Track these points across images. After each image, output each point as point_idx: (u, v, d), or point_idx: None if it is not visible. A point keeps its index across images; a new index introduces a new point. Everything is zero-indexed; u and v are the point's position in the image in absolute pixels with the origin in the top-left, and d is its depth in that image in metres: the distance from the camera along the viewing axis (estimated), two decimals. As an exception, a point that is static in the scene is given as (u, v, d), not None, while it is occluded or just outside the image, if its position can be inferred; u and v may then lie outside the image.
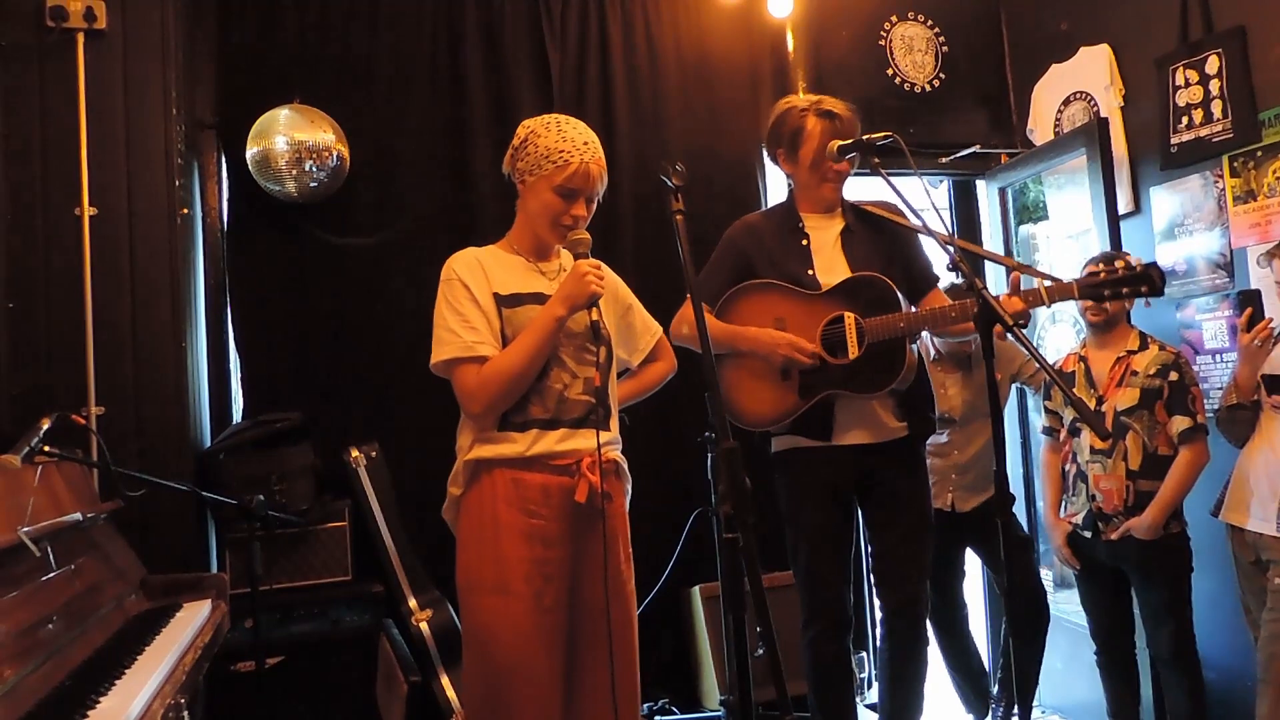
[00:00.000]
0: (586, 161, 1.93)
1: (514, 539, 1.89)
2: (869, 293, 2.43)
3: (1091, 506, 2.80)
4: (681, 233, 1.74)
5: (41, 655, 1.59)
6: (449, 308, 1.93)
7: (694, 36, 3.64)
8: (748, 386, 2.52)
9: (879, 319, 2.39)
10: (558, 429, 1.92)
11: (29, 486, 1.85)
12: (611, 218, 3.44)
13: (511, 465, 1.91)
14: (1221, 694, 3.02)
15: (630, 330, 2.18)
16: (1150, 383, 2.75)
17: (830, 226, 2.56)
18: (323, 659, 2.76)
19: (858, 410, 2.48)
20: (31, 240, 2.59)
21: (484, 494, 1.92)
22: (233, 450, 2.82)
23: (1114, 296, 2.28)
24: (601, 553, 1.92)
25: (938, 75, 3.99)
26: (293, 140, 2.96)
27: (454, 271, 1.96)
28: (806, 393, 2.46)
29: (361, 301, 3.21)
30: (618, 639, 1.95)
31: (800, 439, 2.51)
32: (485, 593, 1.89)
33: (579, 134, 1.96)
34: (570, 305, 1.87)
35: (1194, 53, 3.16)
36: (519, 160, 1.99)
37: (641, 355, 2.21)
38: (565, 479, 1.91)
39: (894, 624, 2.56)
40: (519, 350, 1.88)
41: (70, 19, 2.61)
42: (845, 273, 2.48)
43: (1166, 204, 3.31)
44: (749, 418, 2.52)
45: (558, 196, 1.94)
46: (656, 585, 3.15)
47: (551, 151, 1.93)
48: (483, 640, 1.89)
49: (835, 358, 2.42)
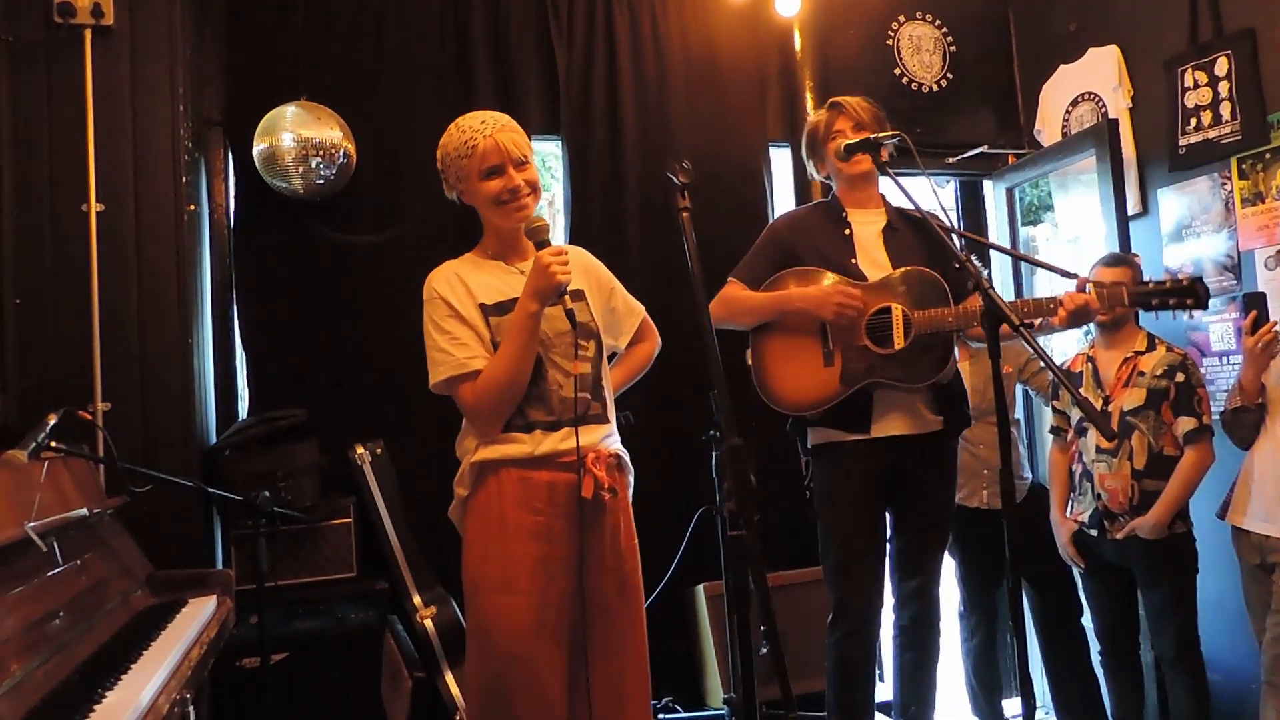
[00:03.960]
0: (490, 135, 1.95)
1: (521, 538, 1.91)
2: (919, 286, 2.44)
3: (1097, 505, 2.80)
4: (687, 231, 1.74)
5: (48, 650, 1.60)
6: (435, 328, 1.95)
7: (701, 36, 3.63)
8: (788, 369, 2.50)
9: (928, 312, 2.40)
10: (560, 429, 1.94)
11: (36, 482, 1.86)
12: (618, 216, 3.44)
13: (519, 465, 1.93)
14: (1226, 696, 3.02)
15: (615, 315, 2.17)
16: (1157, 383, 2.75)
17: (873, 221, 2.59)
18: (327, 655, 2.76)
19: (896, 402, 2.47)
20: (39, 236, 2.59)
21: (491, 495, 1.94)
22: (238, 447, 2.82)
23: (1162, 307, 2.33)
24: (606, 546, 1.95)
25: (945, 75, 3.98)
26: (299, 137, 2.96)
27: (434, 290, 1.97)
28: (849, 380, 2.45)
29: (368, 298, 3.21)
30: (626, 630, 1.97)
31: (836, 432, 2.50)
32: (491, 590, 1.91)
33: (474, 119, 1.99)
34: (540, 298, 1.87)
35: (1203, 54, 3.15)
36: (446, 178, 2.04)
37: (627, 338, 2.19)
38: (571, 475, 1.93)
39: (907, 611, 2.57)
40: (504, 356, 1.90)
41: (78, 15, 2.61)
42: (886, 266, 2.50)
43: (1174, 206, 3.30)
44: (788, 401, 2.51)
45: (486, 181, 1.96)
46: (660, 584, 3.15)
47: (459, 148, 1.97)
48: (485, 635, 1.91)
49: (881, 348, 2.42)
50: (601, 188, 3.45)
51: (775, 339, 2.54)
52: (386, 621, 2.89)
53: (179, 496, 2.49)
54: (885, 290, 2.46)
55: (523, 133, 2.02)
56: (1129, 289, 2.36)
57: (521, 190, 1.97)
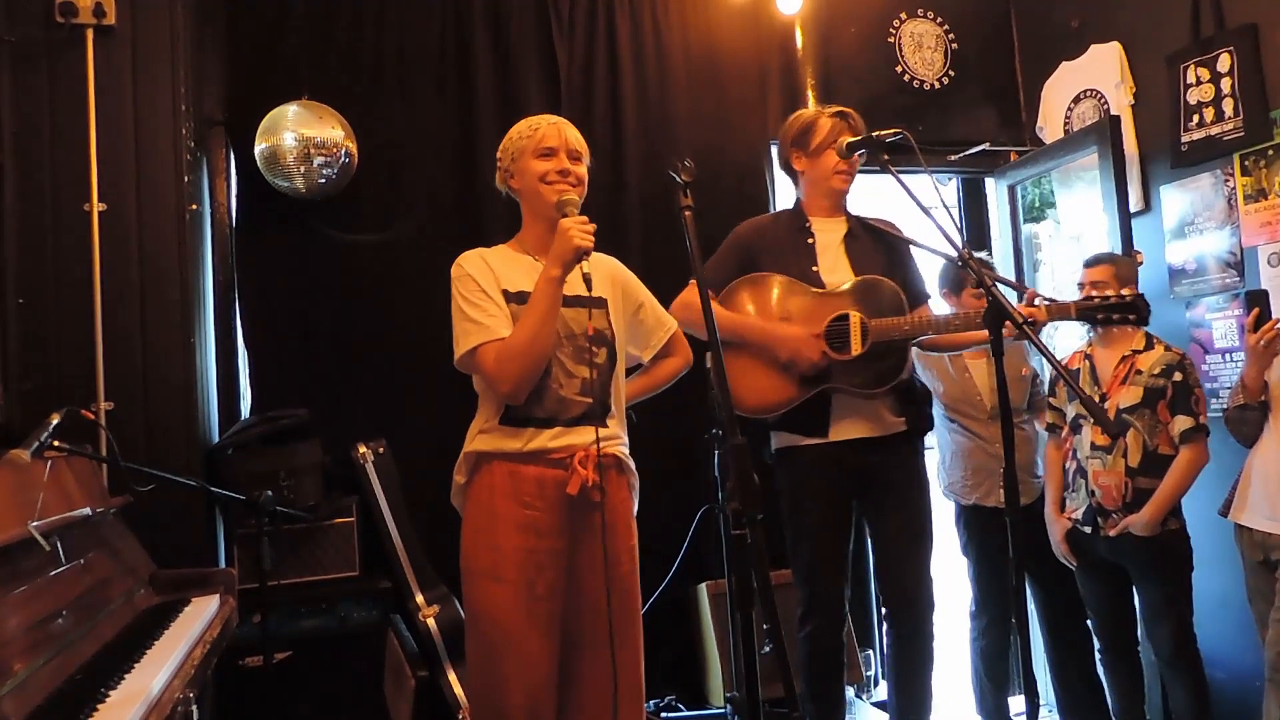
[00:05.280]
0: (555, 124, 2.05)
1: (508, 530, 1.94)
2: (875, 295, 2.51)
3: (1091, 502, 2.81)
4: (690, 229, 1.74)
5: (51, 649, 1.60)
6: (465, 301, 1.97)
7: (702, 33, 3.63)
8: (747, 373, 2.54)
9: (884, 320, 2.46)
10: (553, 427, 1.96)
11: (39, 481, 1.86)
12: (620, 215, 3.44)
13: (509, 459, 1.96)
14: (1229, 693, 3.02)
15: (642, 326, 2.20)
16: (1154, 382, 2.75)
17: (835, 229, 2.64)
18: (330, 654, 2.77)
19: (855, 406, 2.52)
20: (41, 236, 2.59)
21: (482, 486, 1.98)
22: (241, 446, 2.82)
23: (1105, 321, 2.49)
24: (599, 546, 1.96)
25: (947, 72, 3.98)
26: (301, 136, 2.96)
27: (463, 268, 2.01)
28: (806, 384, 2.49)
29: (370, 298, 3.21)
30: (619, 633, 1.97)
31: (796, 437, 2.55)
32: (480, 577, 1.96)
33: (543, 117, 2.09)
34: (561, 262, 1.89)
35: (1205, 50, 3.15)
36: (502, 162, 2.10)
37: (653, 350, 2.22)
38: (560, 472, 1.95)
39: (897, 620, 2.59)
40: (526, 321, 1.91)
41: (80, 15, 2.61)
42: (848, 273, 2.56)
43: (1177, 202, 3.29)
44: (746, 404, 2.55)
45: (539, 159, 2.02)
46: (663, 582, 3.15)
47: (522, 131, 2.06)
48: (478, 618, 1.97)
49: (838, 353, 2.46)
50: (603, 185, 3.45)
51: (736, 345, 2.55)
52: (389, 620, 2.89)
53: (182, 496, 2.49)
54: (843, 297, 2.52)
55: (585, 141, 2.09)
56: (1077, 304, 2.50)
57: (570, 174, 2.03)
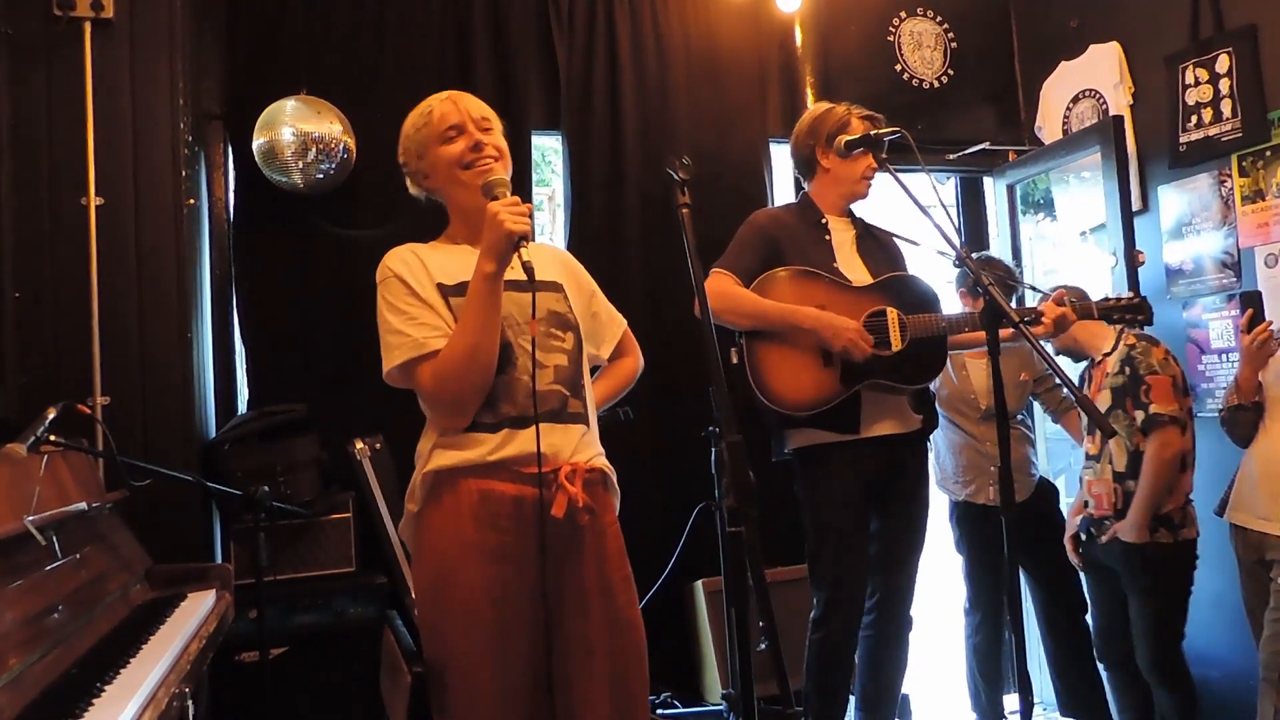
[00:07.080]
0: (448, 98, 1.85)
1: (481, 560, 1.67)
2: (909, 291, 2.56)
3: (1086, 513, 2.82)
4: (687, 227, 1.73)
5: (47, 644, 1.60)
6: (389, 309, 1.75)
7: (702, 32, 3.63)
8: (786, 369, 2.52)
9: (922, 316, 2.50)
10: (530, 425, 1.68)
11: (35, 476, 1.86)
12: (618, 211, 3.43)
13: (478, 473, 1.68)
14: (1224, 693, 3.02)
15: (597, 320, 1.98)
16: (1115, 380, 2.77)
17: (847, 229, 2.68)
18: (327, 650, 2.77)
19: (883, 403, 2.54)
20: (38, 230, 2.59)
21: (446, 511, 1.69)
22: (238, 441, 2.82)
23: (1120, 321, 2.57)
24: (589, 577, 1.73)
25: (946, 71, 3.98)
26: (299, 131, 2.96)
27: (388, 269, 1.78)
28: (849, 380, 2.49)
29: (367, 293, 3.15)
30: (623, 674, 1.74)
31: (825, 434, 2.52)
32: (451, 622, 1.68)
33: (434, 96, 1.89)
34: (495, 255, 1.64)
35: (1204, 51, 3.15)
36: (408, 165, 1.91)
37: (610, 347, 2.02)
38: (536, 490, 1.67)
39: (883, 608, 2.62)
40: (463, 328, 1.68)
41: (77, 8, 2.60)
42: (864, 272, 2.59)
43: (1174, 203, 3.30)
44: (788, 401, 2.52)
45: (447, 144, 1.82)
46: (659, 580, 3.15)
47: (416, 120, 1.87)
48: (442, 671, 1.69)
49: (880, 350, 2.48)
50: (602, 183, 3.45)
51: (773, 339, 2.54)
52: (386, 616, 2.88)
53: (178, 491, 2.49)
54: (877, 293, 2.54)
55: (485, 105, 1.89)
56: (1098, 304, 2.60)
57: (485, 148, 1.80)
